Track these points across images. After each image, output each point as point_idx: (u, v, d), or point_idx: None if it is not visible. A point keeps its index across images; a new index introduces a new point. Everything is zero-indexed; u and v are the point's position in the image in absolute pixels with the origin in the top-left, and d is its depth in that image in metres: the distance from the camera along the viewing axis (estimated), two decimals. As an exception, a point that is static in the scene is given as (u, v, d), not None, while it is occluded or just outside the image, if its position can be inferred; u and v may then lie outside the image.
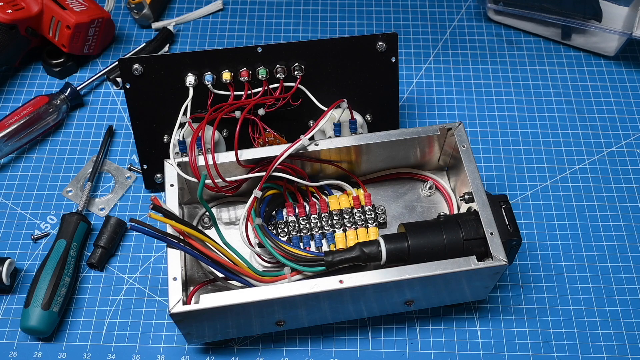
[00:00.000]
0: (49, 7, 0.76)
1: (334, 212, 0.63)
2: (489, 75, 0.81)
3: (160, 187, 0.71)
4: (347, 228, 0.62)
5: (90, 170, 0.72)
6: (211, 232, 0.61)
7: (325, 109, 0.64)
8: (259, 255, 0.60)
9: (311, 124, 0.69)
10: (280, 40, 0.85)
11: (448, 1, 0.89)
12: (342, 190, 0.65)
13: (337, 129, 0.65)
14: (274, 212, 0.63)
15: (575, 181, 0.73)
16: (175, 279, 0.53)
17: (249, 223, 0.59)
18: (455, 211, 0.64)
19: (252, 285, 0.56)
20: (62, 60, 0.80)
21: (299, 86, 0.66)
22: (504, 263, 0.53)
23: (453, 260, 0.54)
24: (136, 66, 0.64)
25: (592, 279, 0.66)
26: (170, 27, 0.84)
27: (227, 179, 0.59)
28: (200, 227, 0.63)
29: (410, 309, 0.61)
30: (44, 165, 0.74)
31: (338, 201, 0.63)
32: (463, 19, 0.87)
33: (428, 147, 0.63)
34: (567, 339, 0.62)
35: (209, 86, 0.64)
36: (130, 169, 0.73)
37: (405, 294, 0.57)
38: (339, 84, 0.68)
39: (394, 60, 0.67)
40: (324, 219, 0.62)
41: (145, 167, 0.69)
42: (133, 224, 0.51)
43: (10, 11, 0.74)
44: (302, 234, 0.62)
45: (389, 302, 0.58)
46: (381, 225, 0.63)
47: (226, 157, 0.60)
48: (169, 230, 0.55)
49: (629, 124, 0.77)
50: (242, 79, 0.64)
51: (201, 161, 0.59)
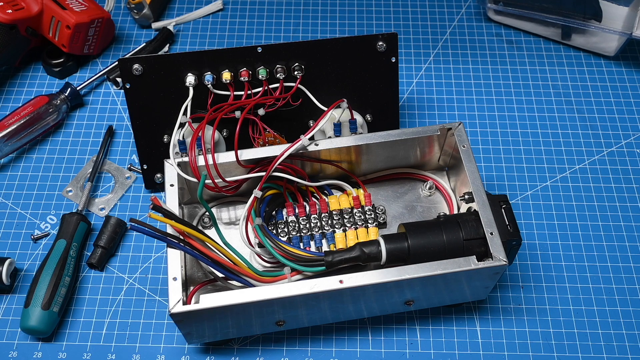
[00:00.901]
0: (49, 7, 0.76)
1: (334, 212, 0.63)
2: (489, 75, 0.81)
3: (160, 187, 0.71)
4: (347, 228, 0.62)
5: (90, 170, 0.72)
6: (211, 232, 0.61)
7: (325, 109, 0.64)
8: (259, 255, 0.60)
9: (311, 124, 0.69)
10: (280, 40, 0.85)
11: (448, 1, 0.89)
12: (342, 190, 0.65)
13: (337, 129, 0.65)
14: (274, 212, 0.63)
15: (575, 181, 0.73)
16: (175, 279, 0.53)
17: (249, 223, 0.59)
18: (455, 211, 0.64)
19: (252, 285, 0.56)
20: (62, 60, 0.80)
21: (299, 86, 0.66)
22: (504, 263, 0.53)
23: (453, 260, 0.54)
24: (136, 66, 0.64)
25: (592, 279, 0.66)
26: (170, 27, 0.84)
27: (227, 179, 0.59)
28: (200, 227, 0.63)
29: (410, 309, 0.61)
30: (44, 165, 0.74)
31: (338, 201, 0.63)
32: (463, 19, 0.87)
33: (428, 147, 0.63)
34: (567, 339, 0.62)
35: (208, 86, 0.64)
36: (130, 169, 0.73)
37: (405, 294, 0.57)
38: (339, 84, 0.68)
39: (394, 60, 0.67)
40: (324, 219, 0.62)
41: (145, 167, 0.69)
42: (133, 224, 0.51)
43: (10, 11, 0.74)
44: (302, 234, 0.62)
45: (389, 302, 0.58)
46: (381, 225, 0.63)
47: (226, 157, 0.60)
48: (169, 230, 0.55)
49: (629, 124, 0.77)
50: (242, 79, 0.64)
51: (201, 161, 0.59)
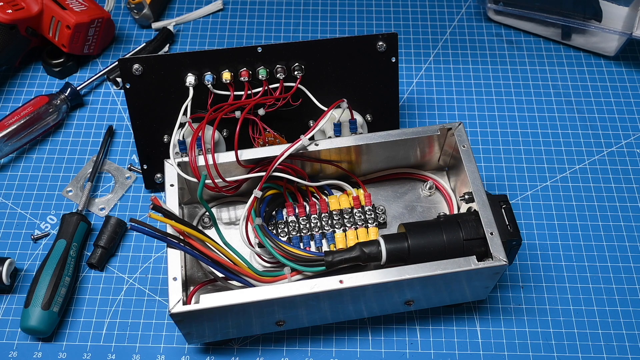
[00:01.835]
0: (49, 7, 0.76)
1: (334, 212, 0.63)
2: (489, 75, 0.81)
3: (160, 187, 0.71)
4: (347, 228, 0.62)
5: (90, 170, 0.72)
6: (211, 232, 0.61)
7: (326, 109, 0.64)
8: (259, 255, 0.60)
9: (311, 124, 0.69)
10: (280, 40, 0.85)
11: (448, 1, 0.89)
12: (342, 190, 0.65)
13: (337, 129, 0.65)
14: (274, 212, 0.63)
15: (575, 181, 0.73)
16: (175, 279, 0.53)
17: (249, 223, 0.59)
18: (455, 211, 0.64)
19: (252, 285, 0.56)
20: (62, 60, 0.80)
21: (299, 86, 0.66)
22: (504, 263, 0.53)
23: (453, 260, 0.54)
24: (136, 66, 0.64)
25: (592, 279, 0.66)
26: (170, 27, 0.84)
27: (227, 179, 0.59)
28: (200, 227, 0.63)
29: (410, 309, 0.61)
30: (44, 165, 0.74)
31: (338, 201, 0.63)
32: (463, 19, 0.87)
33: (428, 147, 0.63)
34: (567, 339, 0.62)
35: (208, 86, 0.64)
36: (130, 169, 0.73)
37: (406, 294, 0.57)
38: (339, 84, 0.68)
39: (394, 60, 0.67)
40: (324, 219, 0.62)
41: (145, 167, 0.69)
42: (133, 224, 0.51)
43: (10, 11, 0.74)
44: (302, 234, 0.62)
45: (389, 302, 0.58)
46: (381, 225, 0.63)
47: (226, 157, 0.60)
48: (169, 230, 0.55)
49: (629, 124, 0.77)
50: (242, 79, 0.64)
51: (201, 161, 0.59)
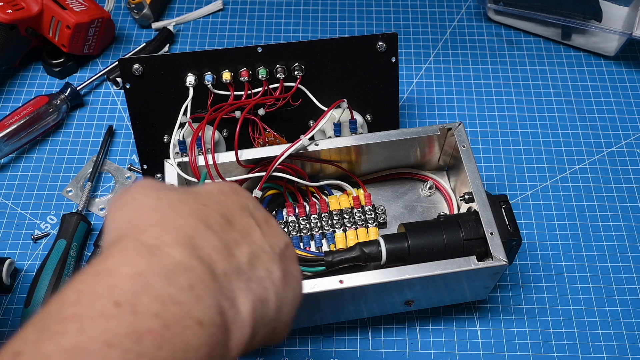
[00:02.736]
0: (49, 7, 0.76)
1: (334, 212, 0.63)
2: (489, 75, 0.81)
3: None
4: (347, 228, 0.62)
5: (90, 170, 0.72)
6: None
7: (326, 109, 0.64)
8: None
9: (311, 124, 0.69)
10: (280, 40, 0.85)
11: (448, 1, 0.89)
12: (342, 190, 0.65)
13: (337, 129, 0.65)
14: (274, 212, 0.63)
15: (575, 181, 0.73)
16: None
17: None
18: (455, 211, 0.64)
19: None
20: (62, 60, 0.80)
21: (299, 86, 0.66)
22: (504, 263, 0.53)
23: (453, 260, 0.54)
24: (136, 66, 0.64)
25: (592, 279, 0.66)
26: (170, 27, 0.84)
27: (227, 179, 0.59)
28: None
29: (410, 309, 0.61)
30: (44, 165, 0.74)
31: (338, 201, 0.63)
32: (463, 19, 0.87)
33: (428, 147, 0.63)
34: (567, 339, 0.62)
35: (209, 86, 0.64)
36: (130, 169, 0.73)
37: (406, 294, 0.57)
38: (339, 84, 0.68)
39: (394, 60, 0.67)
40: (324, 219, 0.62)
41: (146, 167, 0.69)
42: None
43: (10, 11, 0.74)
44: (302, 234, 0.62)
45: (389, 302, 0.58)
46: (381, 225, 0.63)
47: (226, 157, 0.60)
48: None
49: (629, 124, 0.77)
50: (242, 79, 0.64)
51: (201, 161, 0.59)
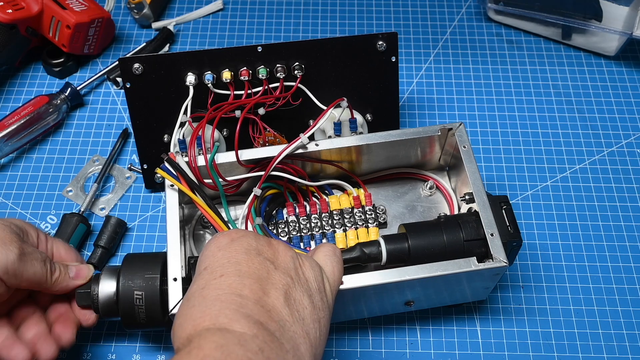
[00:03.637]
0: (49, 7, 0.76)
1: (334, 212, 0.63)
2: (489, 75, 0.81)
3: (160, 187, 0.71)
4: (347, 228, 0.62)
5: (91, 169, 0.72)
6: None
7: (325, 108, 0.64)
8: None
9: (311, 123, 0.69)
10: (280, 40, 0.84)
11: (448, 1, 0.89)
12: (343, 190, 0.65)
13: (337, 128, 0.65)
14: (274, 212, 0.63)
15: (575, 181, 0.73)
16: (175, 279, 0.53)
17: (249, 222, 0.59)
18: (456, 211, 0.64)
19: None
20: (62, 60, 0.80)
21: (299, 85, 0.65)
22: (505, 264, 0.53)
23: (454, 262, 0.54)
24: (136, 65, 0.64)
25: (592, 279, 0.66)
26: (171, 27, 0.84)
27: (228, 178, 0.59)
28: (200, 226, 0.63)
29: (410, 310, 0.61)
30: (44, 165, 0.74)
31: (338, 201, 0.63)
32: (463, 19, 0.87)
33: (429, 147, 0.63)
34: (567, 339, 0.62)
35: (208, 85, 0.64)
36: (130, 169, 0.73)
37: (406, 294, 0.57)
38: (339, 84, 0.68)
39: (394, 59, 0.67)
40: (324, 219, 0.62)
41: (146, 167, 0.69)
42: (164, 164, 0.56)
43: (10, 11, 0.74)
44: (302, 233, 0.62)
45: (389, 302, 0.58)
46: (382, 225, 0.63)
47: (226, 157, 0.60)
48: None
49: (629, 123, 0.77)
50: (242, 78, 0.64)
51: (201, 161, 0.59)
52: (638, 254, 0.67)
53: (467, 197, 0.60)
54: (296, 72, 0.65)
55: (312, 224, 0.62)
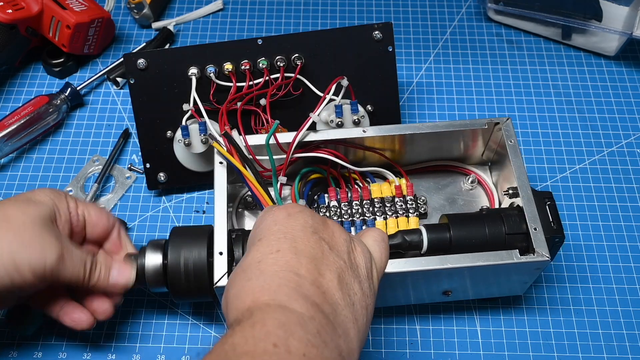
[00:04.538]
0: (49, 7, 0.76)
1: (375, 200, 0.63)
2: (489, 75, 0.81)
3: (163, 187, 0.70)
4: (387, 216, 0.62)
5: (91, 169, 0.72)
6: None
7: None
8: None
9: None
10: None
11: (448, 1, 0.89)
12: (385, 178, 0.66)
13: (339, 112, 0.65)
14: (316, 197, 0.64)
15: (575, 181, 0.73)
16: (221, 253, 0.53)
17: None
18: (497, 206, 0.64)
19: None
20: (62, 60, 0.80)
21: (299, 76, 0.66)
22: (547, 259, 0.53)
23: (496, 253, 0.54)
24: (140, 61, 0.64)
25: (592, 279, 0.66)
26: (171, 27, 0.84)
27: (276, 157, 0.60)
28: (242, 205, 0.65)
29: (448, 299, 0.61)
30: (44, 165, 0.74)
31: (380, 189, 0.64)
32: (463, 19, 0.87)
33: (472, 140, 0.64)
34: (567, 339, 0.62)
35: (210, 75, 0.65)
36: (130, 169, 0.73)
37: (444, 283, 0.57)
38: (339, 75, 0.67)
39: (390, 49, 0.68)
40: (365, 206, 0.63)
41: (148, 166, 0.69)
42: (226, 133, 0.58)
43: (10, 11, 0.74)
44: (343, 219, 0.62)
45: (427, 290, 0.59)
46: (422, 216, 0.64)
47: (259, 139, 0.60)
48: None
49: (629, 123, 0.77)
50: (243, 67, 0.65)
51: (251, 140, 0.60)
52: (638, 254, 0.67)
53: (510, 191, 0.60)
54: (297, 62, 0.66)
55: (353, 210, 0.62)
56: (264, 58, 0.66)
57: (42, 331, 0.62)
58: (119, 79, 0.79)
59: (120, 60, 0.80)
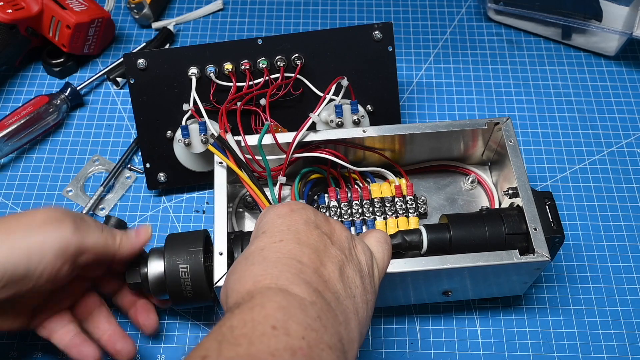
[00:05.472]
0: (49, 7, 0.76)
1: (375, 200, 0.63)
2: (489, 75, 0.81)
3: (163, 187, 0.71)
4: (387, 216, 0.62)
5: (91, 169, 0.72)
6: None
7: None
8: None
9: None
10: (280, 40, 0.85)
11: (448, 1, 0.89)
12: (385, 178, 0.66)
13: (339, 111, 0.65)
14: (316, 197, 0.64)
15: (575, 181, 0.73)
16: (221, 253, 0.54)
17: None
18: (497, 206, 0.64)
19: None
20: (62, 60, 0.80)
21: (299, 76, 0.66)
22: (547, 259, 0.53)
23: (496, 253, 0.54)
24: (140, 61, 0.64)
25: (592, 279, 0.66)
26: (171, 27, 0.84)
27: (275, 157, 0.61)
28: (242, 205, 0.65)
29: (448, 300, 0.61)
30: (44, 165, 0.74)
31: (380, 189, 0.64)
32: (463, 19, 0.87)
33: (472, 140, 0.64)
34: (567, 339, 0.62)
35: (210, 75, 0.65)
36: (130, 169, 0.73)
37: (444, 283, 0.57)
38: (339, 75, 0.68)
39: (390, 49, 0.68)
40: (365, 206, 0.63)
41: (149, 166, 0.69)
42: (215, 141, 0.58)
43: (10, 11, 0.74)
44: (343, 219, 0.62)
45: (427, 290, 0.59)
46: (422, 216, 0.64)
47: (256, 140, 0.60)
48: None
49: (629, 123, 0.77)
50: (243, 67, 0.65)
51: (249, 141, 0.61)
52: (638, 254, 0.67)
53: (510, 191, 0.60)
54: (297, 62, 0.66)
55: (353, 210, 0.62)
56: (264, 58, 0.66)
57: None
58: (119, 79, 0.79)
59: (120, 60, 0.80)
